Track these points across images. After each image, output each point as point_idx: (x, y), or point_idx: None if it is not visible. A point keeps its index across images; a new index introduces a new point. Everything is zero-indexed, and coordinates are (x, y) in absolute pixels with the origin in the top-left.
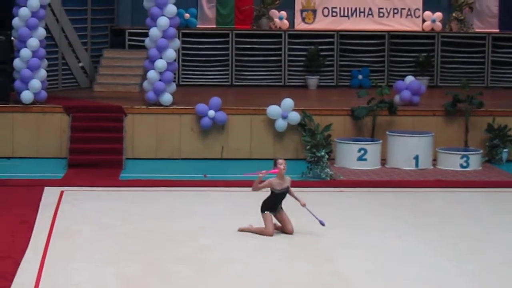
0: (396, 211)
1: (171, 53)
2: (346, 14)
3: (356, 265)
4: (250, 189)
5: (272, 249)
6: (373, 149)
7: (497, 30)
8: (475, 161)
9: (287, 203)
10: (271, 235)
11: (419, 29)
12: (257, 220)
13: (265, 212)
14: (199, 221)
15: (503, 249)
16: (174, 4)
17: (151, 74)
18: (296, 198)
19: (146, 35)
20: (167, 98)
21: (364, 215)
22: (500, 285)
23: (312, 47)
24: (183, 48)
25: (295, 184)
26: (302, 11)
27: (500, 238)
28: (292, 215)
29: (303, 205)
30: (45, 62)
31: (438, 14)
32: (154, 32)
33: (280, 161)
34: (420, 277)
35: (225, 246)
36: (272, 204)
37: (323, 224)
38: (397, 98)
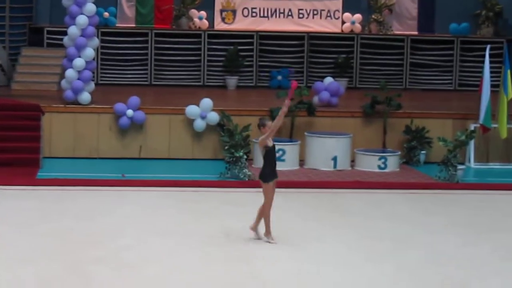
0: (315, 212)
1: (89, 52)
2: (266, 14)
3: (274, 266)
4: (169, 188)
5: (192, 249)
6: (291, 150)
7: (416, 33)
8: (392, 162)
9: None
10: (271, 206)
11: (339, 30)
12: (176, 220)
13: (271, 182)
14: (118, 221)
15: (421, 250)
16: (93, 2)
17: (70, 72)
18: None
19: (64, 33)
20: (85, 97)
21: (282, 215)
22: (417, 287)
23: (232, 47)
24: (102, 47)
25: (212, 184)
26: (222, 11)
27: (418, 239)
28: (215, 216)
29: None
30: None
31: (358, 16)
32: (73, 30)
33: (268, 123)
34: (338, 278)
35: (143, 246)
36: (273, 168)
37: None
38: (316, 99)
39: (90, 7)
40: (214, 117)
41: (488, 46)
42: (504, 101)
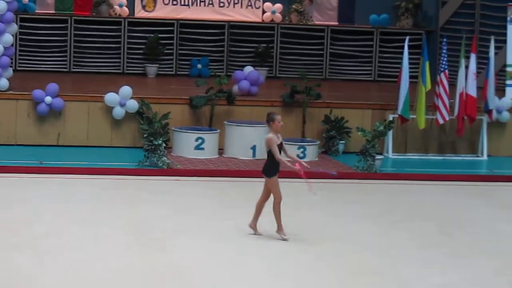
0: (233, 201)
1: (8, 38)
2: (186, 3)
3: (192, 254)
4: (87, 176)
5: (109, 237)
6: (210, 138)
7: (336, 23)
8: (311, 152)
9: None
10: (281, 198)
11: (259, 20)
12: (94, 207)
13: (275, 176)
14: (35, 208)
15: (338, 239)
16: None
17: None
18: (286, 153)
19: None
20: (3, 83)
21: (201, 204)
22: (335, 276)
23: (152, 35)
24: (21, 33)
25: (131, 172)
26: None
27: (336, 228)
28: (133, 204)
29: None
30: None
31: (278, 6)
32: None
33: (278, 117)
34: (256, 266)
35: (61, 233)
36: (276, 165)
37: (334, 174)
38: (235, 88)
39: None
40: (133, 105)
41: (407, 38)
42: (422, 92)
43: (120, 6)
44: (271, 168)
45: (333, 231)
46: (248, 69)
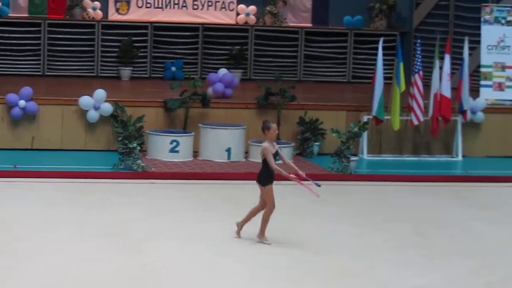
0: (208, 203)
1: None
2: (160, 5)
3: (168, 256)
4: (62, 180)
5: (84, 240)
6: (185, 141)
7: (310, 25)
8: (286, 154)
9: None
10: (274, 208)
11: (233, 22)
12: (70, 211)
13: (269, 184)
14: (10, 212)
15: (315, 241)
16: None
17: None
18: (283, 160)
19: None
20: None
21: (176, 206)
22: (313, 278)
23: (126, 38)
24: None
25: (106, 175)
26: (116, 1)
27: (312, 230)
28: (108, 207)
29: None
30: None
31: (252, 8)
32: None
33: (273, 125)
34: (232, 268)
35: (36, 237)
36: (271, 173)
37: (318, 185)
38: (210, 91)
39: None
40: (107, 108)
41: (381, 39)
42: (397, 93)
43: (94, 9)
44: (265, 176)
45: (309, 233)
46: (223, 71)
